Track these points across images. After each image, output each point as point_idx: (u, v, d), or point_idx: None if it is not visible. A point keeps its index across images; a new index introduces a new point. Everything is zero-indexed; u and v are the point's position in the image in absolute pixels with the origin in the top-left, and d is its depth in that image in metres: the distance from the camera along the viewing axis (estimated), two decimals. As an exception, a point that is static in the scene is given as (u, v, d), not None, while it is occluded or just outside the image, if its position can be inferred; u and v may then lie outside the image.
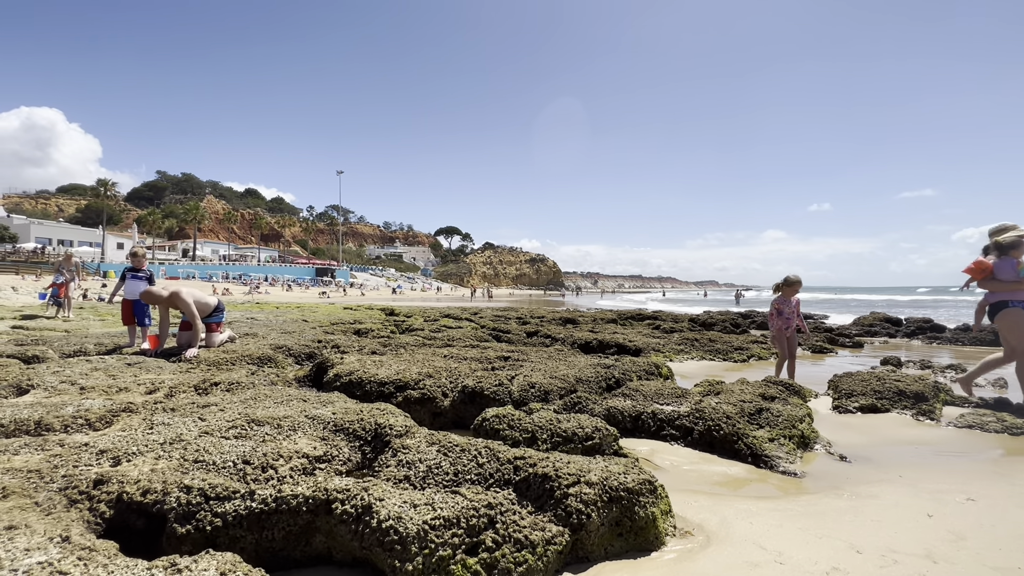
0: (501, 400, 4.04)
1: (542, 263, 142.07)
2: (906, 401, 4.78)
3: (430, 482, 2.25)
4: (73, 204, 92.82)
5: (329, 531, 1.93)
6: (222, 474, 2.11)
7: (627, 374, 5.13)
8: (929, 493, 2.80)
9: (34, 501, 1.82)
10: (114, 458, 2.22)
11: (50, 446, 2.39)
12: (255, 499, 1.95)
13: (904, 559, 2.10)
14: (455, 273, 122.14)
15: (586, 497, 2.09)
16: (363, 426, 2.68)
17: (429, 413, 3.99)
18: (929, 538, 2.28)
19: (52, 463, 2.13)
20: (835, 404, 4.97)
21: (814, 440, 3.73)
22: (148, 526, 1.89)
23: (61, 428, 2.82)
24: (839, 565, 2.04)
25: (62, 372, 4.13)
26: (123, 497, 1.90)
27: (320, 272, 76.47)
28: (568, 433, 3.09)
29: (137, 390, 3.80)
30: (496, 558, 1.81)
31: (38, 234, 57.88)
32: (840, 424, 4.40)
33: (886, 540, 2.25)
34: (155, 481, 1.97)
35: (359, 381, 4.21)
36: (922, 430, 4.27)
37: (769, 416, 3.79)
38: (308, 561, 1.98)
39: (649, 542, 2.17)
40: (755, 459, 3.35)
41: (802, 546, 2.18)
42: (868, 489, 2.87)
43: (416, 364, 4.68)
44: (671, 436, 3.73)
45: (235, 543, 1.86)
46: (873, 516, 2.50)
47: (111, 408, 3.12)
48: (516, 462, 2.27)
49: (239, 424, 2.64)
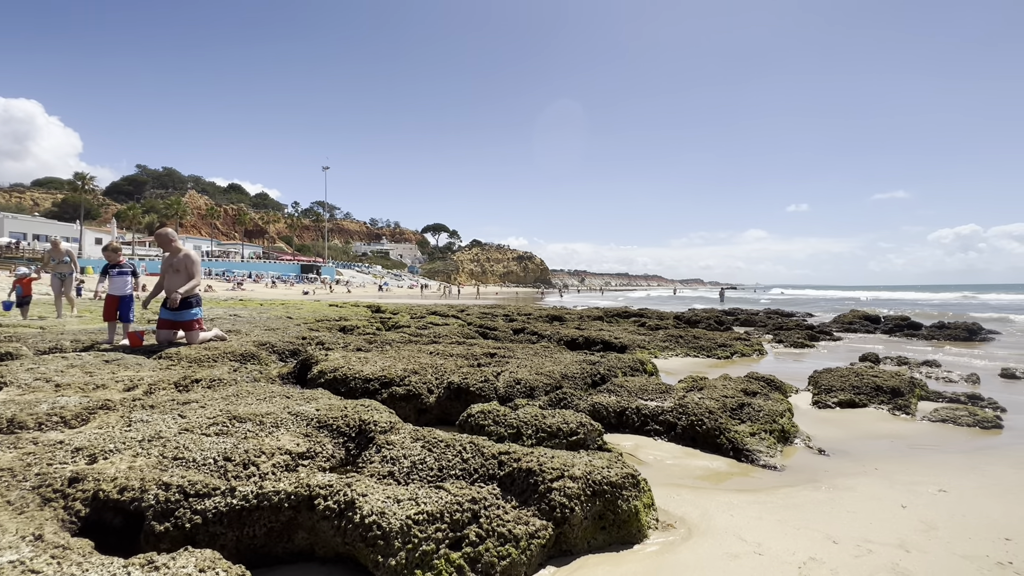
0: (487, 396, 4.04)
1: (529, 261, 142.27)
2: (883, 396, 4.89)
3: (414, 478, 2.25)
4: (49, 198, 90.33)
5: (312, 527, 1.92)
6: (202, 471, 2.08)
7: (612, 370, 5.17)
8: (903, 485, 2.88)
9: (6, 500, 1.78)
10: (90, 456, 2.18)
11: (23, 444, 2.33)
12: (236, 496, 1.92)
13: (878, 549, 2.15)
14: (442, 270, 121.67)
15: (570, 491, 2.11)
16: (347, 422, 2.67)
17: (415, 409, 3.98)
18: (903, 528, 2.34)
19: (25, 461, 2.08)
20: (815, 399, 5.07)
21: (794, 434, 3.80)
22: (126, 524, 1.86)
23: (35, 426, 2.75)
24: (816, 555, 2.08)
25: (36, 369, 4.03)
26: (99, 495, 1.86)
27: (305, 269, 75.60)
28: (553, 428, 3.11)
29: (115, 387, 3.72)
30: (480, 552, 1.82)
31: (12, 228, 56.24)
32: (820, 419, 4.49)
33: (861, 531, 2.31)
34: (133, 479, 1.93)
35: (344, 378, 4.18)
36: (898, 424, 4.37)
37: (751, 411, 3.85)
38: (291, 557, 1.96)
39: (632, 535, 2.19)
40: (737, 453, 3.41)
41: (780, 537, 2.23)
42: (845, 482, 2.94)
43: (402, 361, 4.66)
44: (655, 431, 3.77)
45: (215, 540, 1.84)
46: (849, 508, 2.56)
47: (88, 405, 3.05)
48: (501, 457, 2.28)
49: (220, 421, 2.60)
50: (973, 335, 12.05)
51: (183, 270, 5.88)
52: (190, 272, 5.89)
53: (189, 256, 5.94)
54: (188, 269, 5.89)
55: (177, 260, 5.91)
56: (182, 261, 5.90)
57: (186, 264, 5.90)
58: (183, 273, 5.88)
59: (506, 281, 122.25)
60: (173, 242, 6.01)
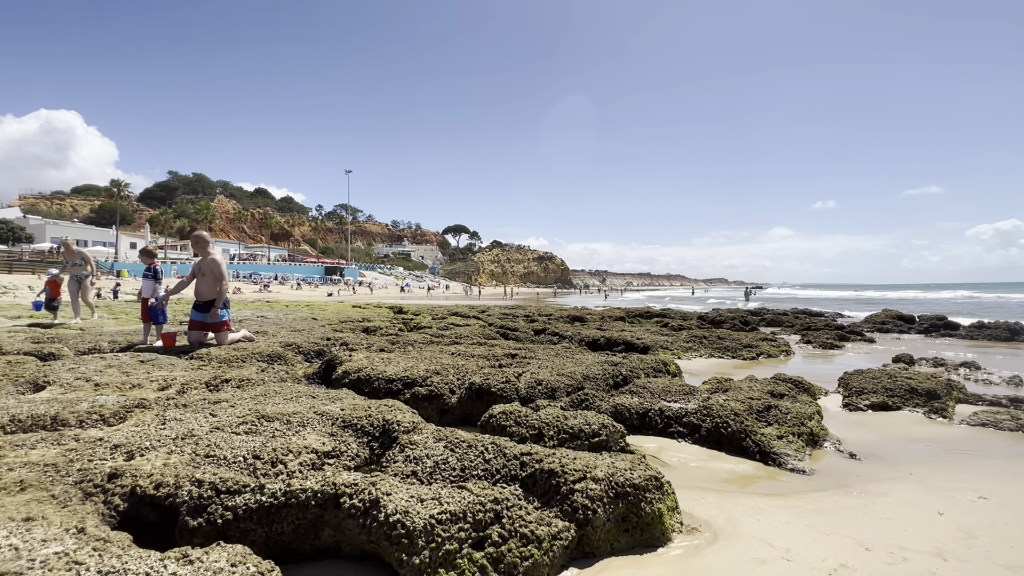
0: (508, 397, 4.05)
1: (550, 261, 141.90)
2: (918, 399, 4.73)
3: (437, 477, 2.27)
4: (87, 204, 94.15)
5: (337, 525, 1.96)
6: (232, 468, 2.14)
7: (634, 371, 5.12)
8: (940, 491, 2.78)
9: (51, 494, 1.87)
10: (128, 453, 2.26)
11: (66, 441, 2.44)
12: (265, 493, 1.97)
13: (913, 556, 2.08)
14: (463, 271, 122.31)
15: (592, 493, 2.10)
16: (371, 422, 2.71)
17: (436, 410, 4.01)
18: (940, 536, 2.26)
19: (68, 457, 2.18)
20: (845, 402, 4.93)
21: (823, 438, 3.70)
22: (161, 519, 1.93)
23: (76, 423, 2.87)
24: (847, 562, 2.02)
25: (77, 369, 4.20)
26: (136, 490, 1.93)
27: (329, 271, 76.97)
28: (575, 430, 3.10)
29: (150, 387, 3.86)
30: (502, 552, 1.82)
31: (53, 234, 58.77)
32: (850, 422, 4.36)
33: (895, 537, 2.23)
34: (167, 475, 2.00)
35: (367, 378, 4.25)
36: (934, 428, 4.22)
37: (778, 413, 3.76)
38: (317, 554, 2.00)
39: (655, 538, 2.17)
40: (763, 456, 3.34)
41: (810, 543, 2.17)
42: (878, 487, 2.85)
43: (424, 361, 4.71)
44: (678, 433, 3.72)
45: (245, 536, 1.89)
46: (883, 514, 2.48)
47: (125, 404, 3.17)
48: (523, 458, 2.28)
49: (249, 420, 2.67)
50: (1015, 335, 11.53)
51: (209, 274, 6.07)
52: (216, 275, 6.07)
53: (215, 261, 6.12)
54: (214, 273, 6.07)
55: (204, 264, 6.10)
56: (208, 265, 6.09)
57: (212, 268, 6.08)
58: (209, 277, 6.08)
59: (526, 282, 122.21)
60: (206, 245, 6.20)
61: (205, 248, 6.18)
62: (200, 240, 6.23)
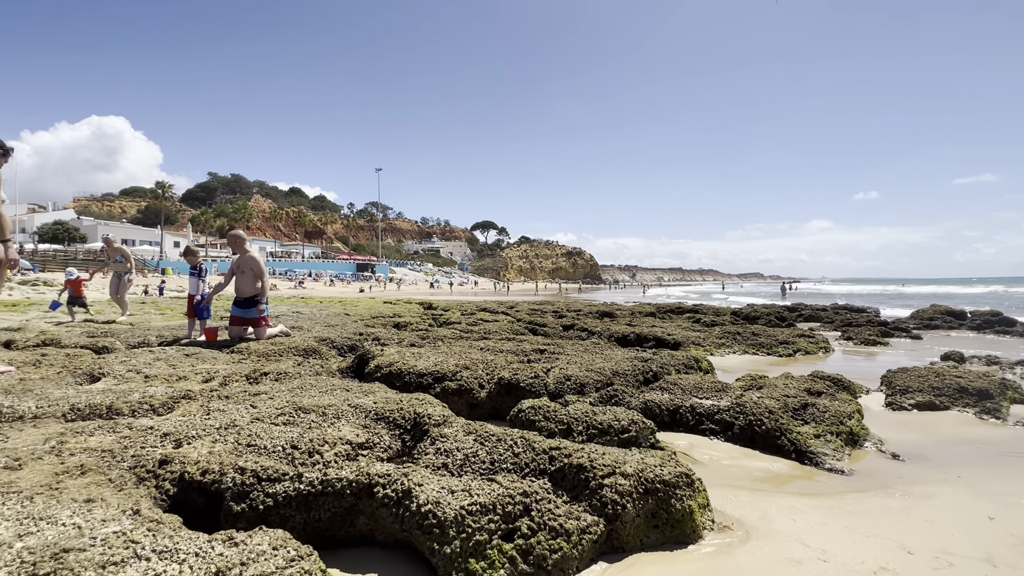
0: (537, 392, 4.06)
1: (579, 256, 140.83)
2: (968, 398, 4.50)
3: (467, 470, 2.31)
4: (134, 206, 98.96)
5: (371, 514, 2.02)
6: (272, 457, 2.23)
7: (665, 367, 5.05)
8: (991, 495, 2.65)
9: (108, 478, 1.99)
10: (176, 441, 2.39)
11: (120, 429, 2.59)
12: (303, 481, 2.05)
13: (960, 562, 1.99)
14: (491, 267, 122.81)
15: (621, 488, 2.09)
16: (403, 415, 2.77)
17: (466, 404, 4.07)
18: (990, 541, 2.16)
19: (122, 444, 2.32)
20: (888, 401, 4.73)
21: (864, 437, 3.57)
22: (207, 504, 2.03)
23: (129, 413, 3.05)
24: (888, 565, 1.96)
25: (128, 362, 4.45)
26: (185, 476, 2.04)
27: (361, 267, 78.61)
28: (604, 425, 3.09)
29: (195, 379, 4.05)
30: (532, 544, 1.85)
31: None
32: (894, 422, 4.19)
33: (941, 542, 2.15)
34: (213, 462, 2.11)
35: (399, 372, 4.34)
36: (986, 429, 4.01)
37: (815, 412, 3.65)
38: (352, 541, 2.07)
39: (686, 535, 2.15)
40: (799, 455, 3.25)
41: (848, 545, 2.11)
42: (923, 489, 2.74)
43: (453, 356, 4.77)
44: (710, 431, 3.66)
45: (285, 522, 1.97)
46: (927, 517, 2.39)
47: (172, 395, 3.34)
48: (551, 452, 2.30)
49: (287, 411, 2.78)
50: (1078, 332, 10.80)
51: (248, 271, 6.30)
52: (256, 272, 6.30)
53: (254, 258, 6.35)
54: (254, 270, 6.30)
55: (243, 262, 6.33)
56: (247, 263, 6.32)
57: (251, 266, 6.31)
58: (248, 274, 6.30)
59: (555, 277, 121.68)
60: (243, 244, 6.43)
61: (242, 246, 6.42)
62: (236, 239, 6.47)
